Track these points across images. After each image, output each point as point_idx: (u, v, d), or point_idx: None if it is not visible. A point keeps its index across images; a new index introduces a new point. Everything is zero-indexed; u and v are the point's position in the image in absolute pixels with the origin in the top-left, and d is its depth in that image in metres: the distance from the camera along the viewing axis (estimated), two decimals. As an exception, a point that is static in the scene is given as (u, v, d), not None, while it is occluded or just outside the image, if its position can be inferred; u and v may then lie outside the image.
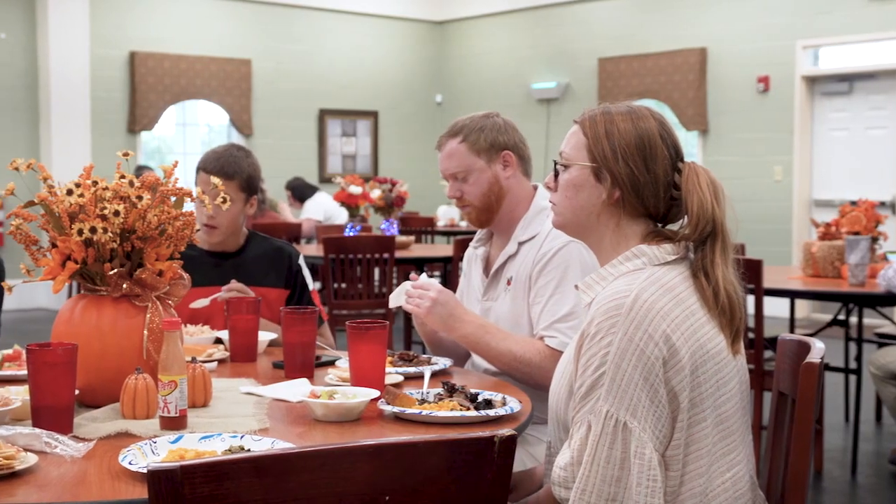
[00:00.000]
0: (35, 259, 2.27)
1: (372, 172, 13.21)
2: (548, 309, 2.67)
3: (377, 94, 13.72)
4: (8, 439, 1.82)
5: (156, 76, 11.76)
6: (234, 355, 2.85)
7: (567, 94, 12.74)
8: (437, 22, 14.25)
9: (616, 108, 2.05)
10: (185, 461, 1.33)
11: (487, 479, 1.49)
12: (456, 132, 2.85)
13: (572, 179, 2.04)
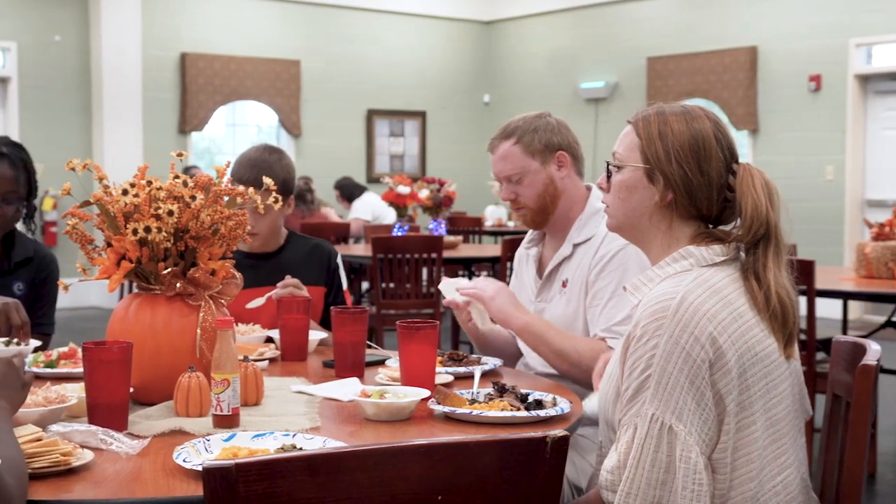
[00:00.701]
0: (90, 258, 2.30)
1: (419, 172, 13.23)
2: (606, 312, 2.65)
3: (425, 95, 13.74)
4: (65, 436, 1.84)
5: (206, 77, 11.87)
6: (284, 354, 2.87)
7: (615, 93, 12.68)
8: (485, 22, 14.24)
9: (670, 109, 2.03)
10: (240, 459, 1.34)
11: (539, 480, 1.49)
12: (509, 133, 2.83)
13: (625, 181, 2.02)
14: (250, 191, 2.38)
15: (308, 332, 2.91)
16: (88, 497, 1.64)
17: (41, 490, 1.64)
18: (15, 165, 3.06)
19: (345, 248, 8.26)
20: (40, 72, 10.96)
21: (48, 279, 3.21)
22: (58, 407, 2.04)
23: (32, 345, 2.79)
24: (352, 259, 7.65)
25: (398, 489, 1.40)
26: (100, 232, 2.31)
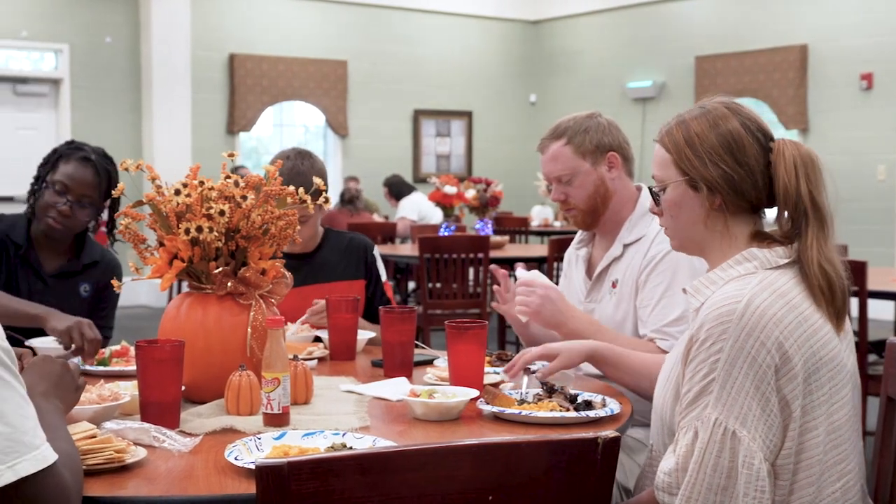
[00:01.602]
0: (143, 257, 2.33)
1: (466, 172, 13.24)
2: (657, 312, 2.63)
3: (472, 94, 13.74)
4: (118, 433, 1.86)
5: (254, 78, 11.96)
6: (333, 353, 2.88)
7: (663, 93, 12.61)
8: (531, 21, 14.22)
9: (689, 114, 2.01)
10: (292, 457, 1.35)
11: (591, 481, 1.48)
12: (560, 134, 2.81)
13: (671, 199, 2.01)
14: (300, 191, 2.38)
15: (356, 332, 2.92)
16: (142, 494, 1.66)
17: (96, 486, 1.66)
18: (98, 173, 3.14)
19: (391, 247, 8.28)
20: (92, 73, 11.10)
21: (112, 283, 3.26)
22: (111, 404, 2.06)
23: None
24: (398, 259, 7.67)
25: (449, 489, 1.40)
26: (152, 231, 2.34)
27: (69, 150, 3.17)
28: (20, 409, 1.45)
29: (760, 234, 1.97)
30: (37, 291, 3.13)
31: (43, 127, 10.70)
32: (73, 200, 3.10)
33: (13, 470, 1.41)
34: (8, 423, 1.42)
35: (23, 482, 1.42)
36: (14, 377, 1.47)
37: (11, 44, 10.79)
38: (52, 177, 3.12)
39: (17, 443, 1.42)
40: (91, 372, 2.58)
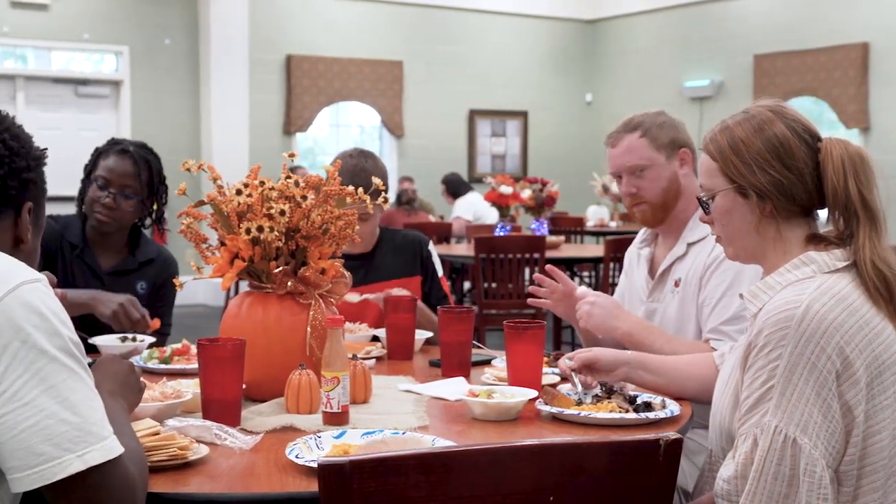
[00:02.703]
0: (204, 257, 2.35)
1: (521, 172, 13.21)
2: (716, 312, 2.60)
3: (527, 94, 13.71)
4: (181, 431, 1.89)
5: (311, 78, 12.04)
6: (391, 353, 2.89)
7: (721, 92, 12.49)
8: (587, 21, 14.16)
9: (732, 120, 1.98)
10: (354, 456, 1.36)
11: (652, 482, 1.48)
12: (634, 127, 2.79)
13: (720, 207, 1.99)
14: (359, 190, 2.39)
15: (414, 332, 2.93)
16: (205, 490, 1.68)
17: (160, 482, 1.68)
18: (137, 163, 3.17)
19: (446, 247, 8.29)
20: (151, 74, 11.24)
21: (168, 280, 3.30)
22: (174, 402, 2.09)
23: (147, 341, 2.87)
24: (453, 259, 7.68)
25: (510, 489, 1.40)
26: (213, 231, 2.36)
27: (108, 146, 3.22)
28: (89, 400, 1.48)
29: (816, 236, 1.94)
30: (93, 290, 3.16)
31: (103, 128, 10.85)
32: (115, 192, 3.14)
33: (82, 459, 1.44)
34: (77, 413, 1.45)
35: (90, 472, 1.45)
36: (83, 369, 1.50)
37: (73, 46, 10.96)
38: (94, 173, 3.17)
39: (85, 433, 1.45)
40: (153, 370, 2.61)
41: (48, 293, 1.51)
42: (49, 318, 1.47)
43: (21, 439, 1.42)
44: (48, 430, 1.42)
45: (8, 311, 1.44)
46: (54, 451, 1.42)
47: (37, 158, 1.71)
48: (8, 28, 10.54)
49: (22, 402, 1.42)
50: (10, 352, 1.43)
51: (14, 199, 1.66)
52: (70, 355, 1.48)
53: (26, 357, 1.43)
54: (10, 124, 1.69)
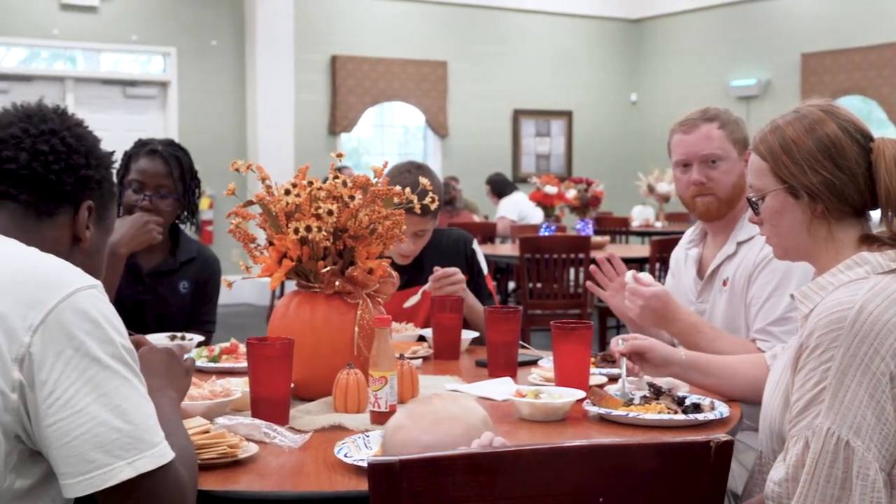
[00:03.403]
0: (252, 256, 2.37)
1: (565, 172, 13.18)
2: (763, 312, 2.58)
3: (571, 94, 13.67)
4: (230, 429, 1.90)
5: (356, 79, 12.08)
6: (437, 353, 2.89)
7: (768, 91, 12.37)
8: (632, 20, 14.09)
9: (783, 119, 1.96)
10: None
11: (703, 484, 1.46)
12: (712, 118, 2.76)
13: (771, 208, 1.96)
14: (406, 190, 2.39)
15: (461, 332, 2.93)
16: (255, 488, 1.69)
17: (209, 480, 1.70)
18: (168, 162, 3.16)
19: (491, 247, 8.29)
20: (198, 75, 11.34)
21: (211, 278, 3.31)
22: (223, 400, 2.11)
23: (196, 339, 2.89)
24: (498, 259, 7.67)
25: (559, 490, 1.40)
26: (261, 230, 2.37)
27: (137, 148, 3.21)
28: (141, 407, 1.49)
29: (869, 237, 1.91)
30: (136, 292, 3.18)
31: (151, 128, 10.95)
32: (151, 194, 3.13)
33: (133, 466, 1.45)
34: (129, 421, 1.46)
35: (141, 478, 1.46)
36: (136, 376, 1.51)
37: (122, 48, 11.08)
38: (127, 178, 3.16)
39: (137, 440, 1.46)
40: (202, 368, 2.63)
41: (103, 299, 1.53)
42: (102, 326, 1.49)
43: (73, 446, 1.44)
44: (100, 437, 1.44)
45: (62, 318, 1.45)
46: (105, 458, 1.44)
47: (99, 158, 1.73)
48: (58, 30, 10.67)
49: (74, 410, 1.44)
50: (64, 359, 1.44)
51: (71, 196, 1.68)
52: (122, 362, 1.50)
53: (79, 364, 1.45)
54: (72, 124, 1.72)
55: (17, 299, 1.45)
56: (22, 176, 1.64)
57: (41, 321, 1.44)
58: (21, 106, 1.72)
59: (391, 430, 1.68)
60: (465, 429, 1.61)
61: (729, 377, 2.34)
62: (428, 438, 1.60)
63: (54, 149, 1.66)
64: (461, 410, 1.66)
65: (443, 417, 1.63)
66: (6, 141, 1.65)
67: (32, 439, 1.46)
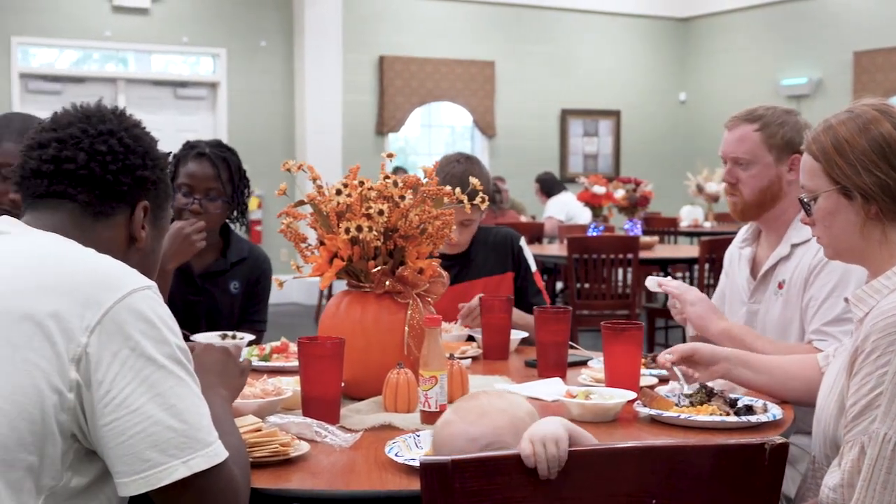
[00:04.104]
0: (303, 256, 2.38)
1: (613, 172, 13.11)
2: (820, 313, 2.55)
3: (619, 94, 13.61)
4: (281, 427, 1.91)
5: (403, 79, 12.11)
6: (486, 353, 2.89)
7: (819, 90, 12.24)
8: (681, 19, 13.99)
9: (836, 119, 1.93)
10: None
11: (757, 487, 1.45)
12: (754, 118, 2.73)
13: (823, 209, 1.94)
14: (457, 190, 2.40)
15: (510, 332, 2.93)
16: (306, 487, 1.70)
17: (261, 479, 1.71)
18: (215, 164, 3.17)
19: (539, 247, 8.27)
20: (247, 76, 11.42)
21: (262, 277, 3.34)
22: (274, 399, 2.12)
23: (247, 339, 2.91)
24: (546, 259, 7.65)
25: (612, 490, 1.39)
26: (311, 230, 2.38)
27: (185, 151, 3.22)
28: (195, 406, 1.51)
29: None
30: (188, 293, 3.20)
31: (201, 129, 11.06)
32: (200, 197, 3.14)
33: (187, 465, 1.47)
34: (183, 420, 1.48)
35: (195, 477, 1.47)
36: (190, 376, 1.53)
37: (173, 49, 11.19)
38: (176, 181, 3.16)
39: (191, 439, 1.48)
40: (252, 367, 2.64)
41: (157, 300, 1.54)
42: (157, 326, 1.50)
43: (129, 445, 1.45)
44: (155, 436, 1.46)
45: (118, 318, 1.47)
46: (160, 457, 1.46)
47: (156, 159, 1.74)
48: (110, 32, 10.80)
49: (130, 409, 1.45)
50: (120, 359, 1.46)
51: (127, 196, 1.70)
52: (177, 362, 1.51)
53: (135, 364, 1.46)
54: (130, 125, 1.73)
55: (75, 300, 1.47)
56: (80, 176, 1.65)
57: (98, 321, 1.46)
58: (81, 106, 1.74)
59: (439, 427, 1.69)
60: (512, 420, 1.60)
61: (780, 376, 2.32)
62: (474, 430, 1.60)
63: (112, 149, 1.67)
64: (507, 404, 1.66)
65: (489, 410, 1.63)
66: (65, 141, 1.67)
67: (88, 438, 1.48)
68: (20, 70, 10.47)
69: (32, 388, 1.43)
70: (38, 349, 1.44)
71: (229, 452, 1.54)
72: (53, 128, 1.69)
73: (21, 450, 1.43)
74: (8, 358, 1.43)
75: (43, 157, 1.66)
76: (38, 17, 10.51)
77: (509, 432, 1.57)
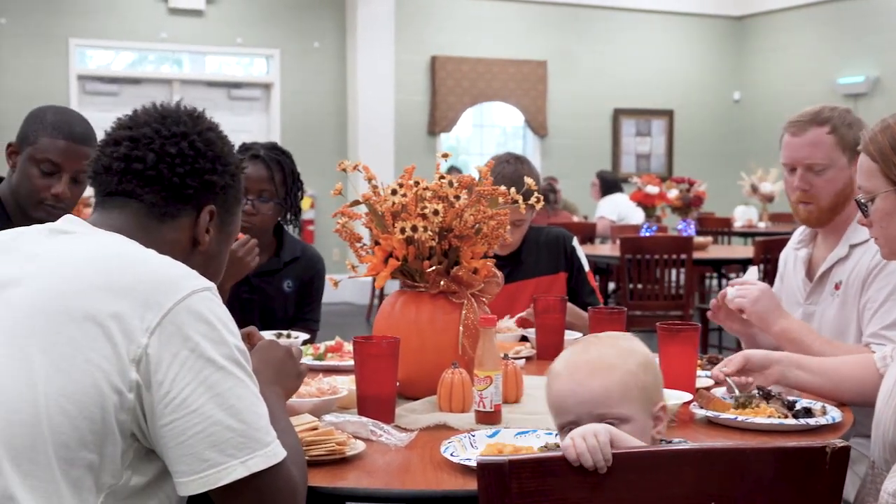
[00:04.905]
0: (358, 256, 2.39)
1: (666, 172, 13.01)
2: (878, 316, 2.51)
3: (672, 93, 13.50)
4: (337, 426, 1.92)
5: (455, 79, 12.12)
6: (540, 353, 2.88)
7: (876, 88, 12.05)
8: (735, 17, 13.86)
9: (894, 119, 1.90)
10: (514, 456, 1.36)
11: (818, 491, 1.43)
12: (823, 121, 2.68)
13: (881, 209, 1.92)
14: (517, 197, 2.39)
15: (564, 332, 2.92)
16: (362, 486, 1.71)
17: (317, 477, 1.72)
18: (269, 166, 3.21)
19: (591, 247, 8.24)
20: (300, 77, 11.49)
21: (315, 277, 3.36)
22: (330, 398, 2.13)
23: (302, 338, 2.93)
24: (598, 259, 7.62)
25: (670, 492, 1.38)
26: (366, 230, 2.39)
27: (239, 153, 3.23)
28: (254, 407, 1.52)
29: None
30: (242, 292, 3.22)
31: (255, 129, 11.14)
32: (253, 198, 3.17)
33: (245, 465, 1.48)
34: (242, 421, 1.49)
35: (253, 477, 1.49)
36: (248, 376, 1.54)
37: (227, 50, 11.29)
38: None
39: (250, 439, 1.49)
40: (308, 366, 2.66)
41: (217, 301, 1.56)
42: (217, 327, 1.52)
43: (188, 445, 1.47)
44: (214, 436, 1.47)
45: (178, 320, 1.49)
46: (219, 457, 1.47)
47: (227, 164, 1.75)
48: (166, 34, 10.93)
49: (189, 410, 1.47)
50: (180, 360, 1.47)
51: (193, 199, 1.71)
52: (236, 363, 1.52)
53: (194, 365, 1.48)
54: (204, 128, 1.75)
55: (135, 301, 1.48)
56: (148, 176, 1.67)
57: (158, 323, 1.48)
58: (161, 106, 1.76)
59: (551, 376, 1.72)
60: (622, 377, 1.62)
61: (835, 377, 2.28)
62: (582, 392, 1.62)
63: (182, 152, 1.69)
64: (618, 356, 1.66)
65: (598, 368, 1.64)
66: (138, 140, 1.69)
67: (148, 438, 1.50)
68: (78, 72, 10.62)
69: (93, 388, 1.45)
70: (100, 350, 1.46)
71: (286, 451, 1.55)
72: (129, 125, 1.72)
73: (82, 448, 1.45)
74: (70, 358, 1.45)
75: (115, 154, 1.68)
76: (96, 19, 10.66)
77: (617, 392, 1.60)
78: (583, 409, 1.60)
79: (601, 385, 1.61)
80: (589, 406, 1.60)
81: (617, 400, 1.59)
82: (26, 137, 2.74)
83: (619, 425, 1.55)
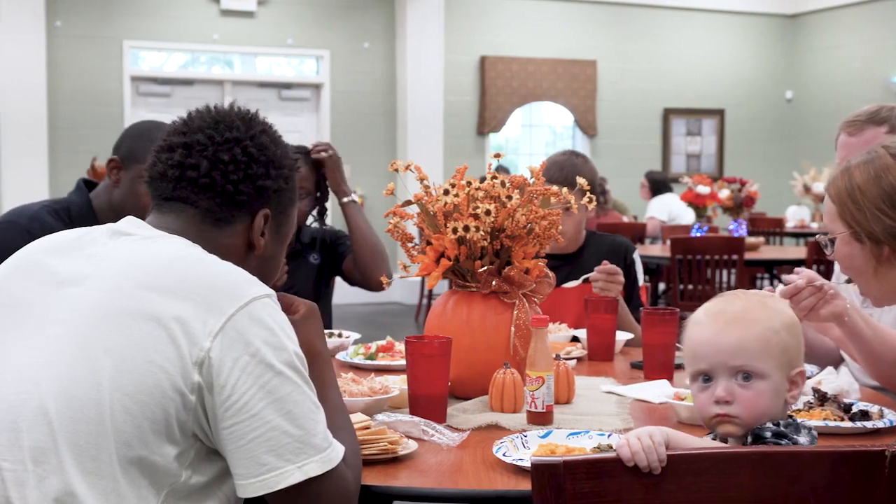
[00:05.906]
0: (410, 256, 2.39)
1: (717, 172, 12.90)
2: None
3: (723, 92, 13.38)
4: (389, 425, 1.93)
5: (504, 79, 12.10)
6: (592, 354, 2.87)
7: (932, 87, 11.88)
8: (788, 15, 13.71)
9: (856, 161, 1.96)
10: (568, 457, 1.36)
11: (876, 496, 1.41)
12: (881, 120, 2.64)
13: (840, 251, 2.00)
14: (564, 190, 2.39)
15: (615, 333, 2.90)
16: (415, 485, 1.71)
17: (370, 476, 1.73)
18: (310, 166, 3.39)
19: (641, 248, 8.19)
20: (350, 77, 11.53)
21: (336, 237, 3.54)
22: (382, 397, 2.14)
23: (353, 337, 2.95)
24: (648, 259, 7.58)
25: (727, 496, 1.37)
26: (417, 230, 2.40)
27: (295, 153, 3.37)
28: (311, 412, 1.54)
29: None
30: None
31: (305, 130, 11.20)
32: None
33: (302, 470, 1.51)
34: (300, 426, 1.51)
35: (309, 482, 1.51)
36: (306, 382, 1.55)
37: (278, 51, 11.36)
38: None
39: (306, 445, 1.51)
40: (359, 365, 2.68)
41: (276, 308, 1.58)
42: (276, 333, 1.54)
43: (248, 449, 1.49)
44: (272, 441, 1.49)
45: (239, 326, 1.50)
46: (277, 461, 1.50)
47: (280, 168, 1.76)
48: (217, 35, 11.02)
49: (249, 414, 1.49)
50: (241, 365, 1.49)
51: (247, 205, 1.72)
52: (294, 369, 1.54)
53: (254, 371, 1.50)
54: (257, 132, 1.75)
55: (199, 305, 1.50)
56: (202, 184, 1.69)
57: (220, 328, 1.49)
58: (215, 108, 1.77)
59: (691, 323, 1.70)
60: (763, 333, 1.59)
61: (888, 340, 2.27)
62: (719, 341, 1.60)
63: (235, 158, 1.70)
64: (764, 313, 1.62)
65: (738, 319, 1.61)
66: (192, 147, 1.70)
67: (211, 439, 1.52)
68: (131, 73, 10.74)
69: (156, 388, 1.47)
70: (163, 351, 1.48)
71: (344, 449, 1.57)
72: (183, 131, 1.73)
73: (143, 447, 1.47)
74: (133, 358, 1.47)
75: (170, 161, 1.70)
76: (149, 21, 10.77)
77: (757, 345, 1.57)
78: (717, 359, 1.58)
79: (740, 336, 1.58)
80: (724, 356, 1.58)
81: (754, 354, 1.56)
82: (135, 156, 2.74)
83: (754, 380, 1.55)
